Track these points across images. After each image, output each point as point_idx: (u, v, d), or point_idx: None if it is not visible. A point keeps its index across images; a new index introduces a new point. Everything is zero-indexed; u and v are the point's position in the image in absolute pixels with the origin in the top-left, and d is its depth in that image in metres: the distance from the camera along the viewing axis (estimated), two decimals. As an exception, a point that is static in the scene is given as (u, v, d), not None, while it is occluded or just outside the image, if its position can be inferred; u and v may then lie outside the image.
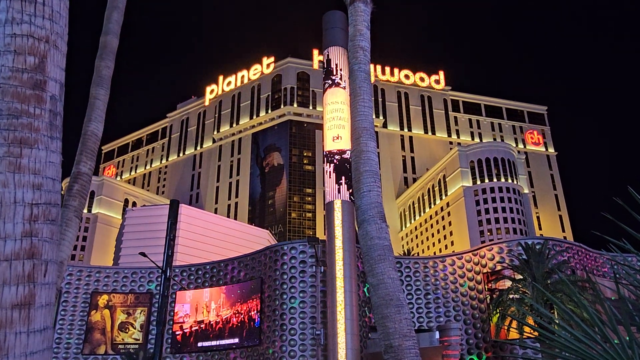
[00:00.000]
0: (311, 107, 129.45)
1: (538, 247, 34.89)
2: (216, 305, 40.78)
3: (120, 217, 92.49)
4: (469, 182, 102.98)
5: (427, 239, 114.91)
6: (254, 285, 39.03)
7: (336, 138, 37.73)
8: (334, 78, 39.15)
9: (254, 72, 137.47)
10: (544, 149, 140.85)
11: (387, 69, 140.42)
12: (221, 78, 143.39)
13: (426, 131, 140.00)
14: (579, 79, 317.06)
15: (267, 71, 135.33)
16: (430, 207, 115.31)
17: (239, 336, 39.03)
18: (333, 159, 37.24)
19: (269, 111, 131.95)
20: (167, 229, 23.57)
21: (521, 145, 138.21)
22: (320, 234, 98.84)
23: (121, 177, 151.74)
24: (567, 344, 4.97)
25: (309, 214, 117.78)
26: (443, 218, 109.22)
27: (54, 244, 5.00)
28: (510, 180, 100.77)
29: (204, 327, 41.00)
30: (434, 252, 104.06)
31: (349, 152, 34.32)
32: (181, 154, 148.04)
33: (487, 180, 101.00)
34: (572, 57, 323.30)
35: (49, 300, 4.85)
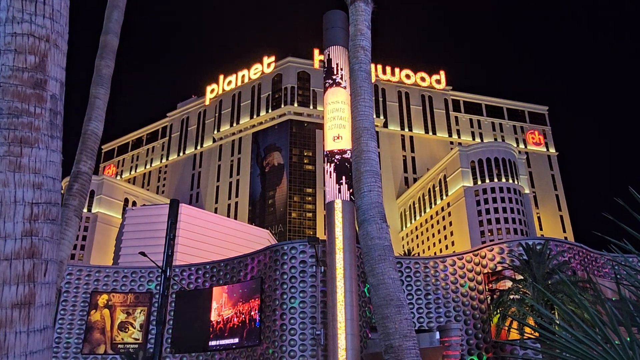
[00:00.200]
0: (312, 107, 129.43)
1: (539, 247, 34.87)
2: (217, 305, 40.77)
3: (120, 217, 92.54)
4: (469, 182, 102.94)
5: (428, 239, 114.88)
6: (255, 285, 39.03)
7: (337, 138, 37.71)
8: (334, 77, 39.14)
9: (254, 72, 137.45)
10: (544, 149, 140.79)
11: (388, 68, 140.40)
12: (221, 77, 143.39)
13: (427, 131, 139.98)
14: (579, 79, 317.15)
15: (267, 70, 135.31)
16: (430, 207, 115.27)
17: (239, 336, 39.01)
18: (333, 158, 37.23)
19: (270, 111, 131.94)
20: (167, 228, 23.56)
21: (522, 146, 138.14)
22: (321, 233, 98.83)
23: (121, 177, 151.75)
24: (567, 345, 4.97)
25: (309, 214, 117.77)
26: (444, 218, 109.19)
27: (54, 243, 4.99)
28: (511, 181, 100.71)
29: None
30: (435, 253, 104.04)
31: (350, 152, 34.32)
32: (181, 153, 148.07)
33: (488, 181, 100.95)
34: (572, 57, 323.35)
35: (49, 299, 4.85)
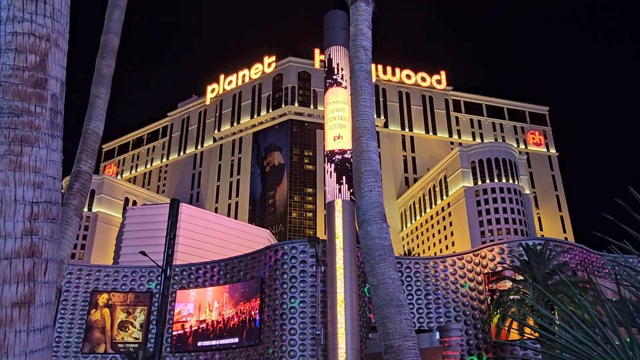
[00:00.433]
0: (312, 107, 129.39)
1: (539, 247, 34.86)
2: (219, 305, 40.79)
3: (121, 216, 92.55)
4: (470, 183, 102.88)
5: (428, 239, 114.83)
6: (256, 284, 39.04)
7: (337, 138, 37.72)
8: (335, 77, 39.15)
9: (255, 72, 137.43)
10: (545, 149, 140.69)
11: (389, 68, 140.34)
12: (222, 77, 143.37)
13: (427, 131, 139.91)
14: (579, 79, 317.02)
15: (268, 70, 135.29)
16: (431, 208, 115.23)
17: (239, 336, 39.03)
18: (334, 158, 37.23)
19: (270, 110, 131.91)
20: (168, 228, 23.57)
21: (522, 146, 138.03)
22: (321, 233, 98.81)
23: (121, 176, 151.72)
24: (567, 345, 4.96)
25: (310, 214, 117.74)
26: (444, 218, 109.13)
27: (55, 242, 5.00)
28: (511, 181, 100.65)
29: (204, 327, 40.98)
30: (435, 253, 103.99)
31: (350, 152, 34.33)
32: (182, 153, 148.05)
33: (488, 181, 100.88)
34: (572, 57, 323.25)
35: (49, 298, 4.85)
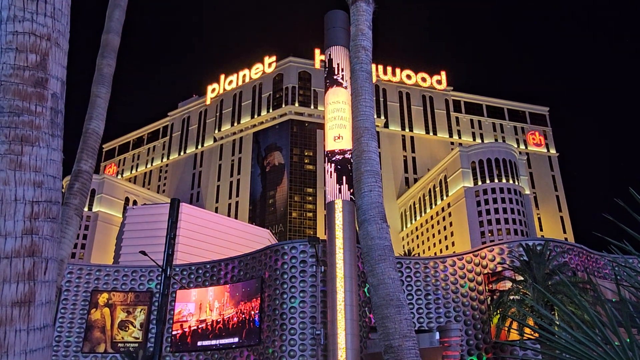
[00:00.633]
0: (312, 107, 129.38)
1: (539, 248, 34.86)
2: (219, 305, 40.79)
3: (121, 216, 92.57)
4: (470, 183, 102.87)
5: (428, 239, 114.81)
6: (257, 284, 39.06)
7: (337, 138, 37.73)
8: (335, 77, 39.15)
9: (255, 71, 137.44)
10: (545, 150, 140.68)
11: (389, 68, 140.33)
12: (222, 77, 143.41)
13: (427, 131, 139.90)
14: (579, 79, 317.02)
15: (268, 70, 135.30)
16: (431, 208, 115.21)
17: (239, 335, 39.05)
18: (334, 158, 37.23)
19: (270, 110, 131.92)
20: (168, 227, 23.58)
21: (522, 146, 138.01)
22: (321, 233, 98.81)
23: (122, 176, 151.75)
24: (567, 346, 4.96)
25: (310, 214, 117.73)
26: (444, 218, 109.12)
27: (55, 241, 5.00)
28: (511, 181, 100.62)
29: (204, 327, 40.99)
30: (435, 253, 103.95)
31: (350, 152, 34.32)
32: (182, 152, 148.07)
33: (489, 181, 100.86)
34: (572, 57, 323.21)
35: (49, 298, 4.85)
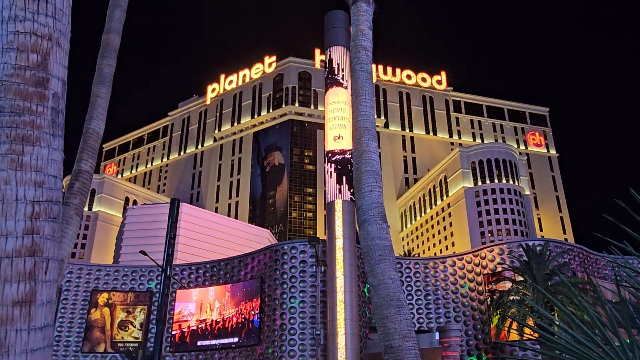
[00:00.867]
0: (312, 107, 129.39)
1: (539, 248, 34.86)
2: (220, 305, 40.79)
3: (121, 216, 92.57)
4: (470, 183, 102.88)
5: (428, 239, 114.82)
6: (257, 284, 39.07)
7: (337, 138, 37.73)
8: (335, 77, 39.16)
9: (255, 71, 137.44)
10: (545, 150, 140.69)
11: (389, 69, 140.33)
12: (223, 77, 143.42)
13: (427, 132, 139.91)
14: (579, 79, 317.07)
15: (268, 70, 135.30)
16: (431, 208, 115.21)
17: (239, 335, 39.05)
18: (334, 158, 37.23)
19: (271, 110, 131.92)
20: (168, 227, 23.60)
21: (522, 147, 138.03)
22: (321, 233, 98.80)
23: (122, 176, 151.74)
24: (567, 346, 4.96)
25: (310, 214, 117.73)
26: (444, 219, 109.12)
27: (56, 241, 5.00)
28: (511, 182, 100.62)
29: (203, 327, 40.98)
30: (435, 253, 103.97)
31: (350, 152, 34.31)
32: (182, 152, 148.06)
33: (488, 182, 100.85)
34: (572, 57, 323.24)
35: (50, 297, 4.85)
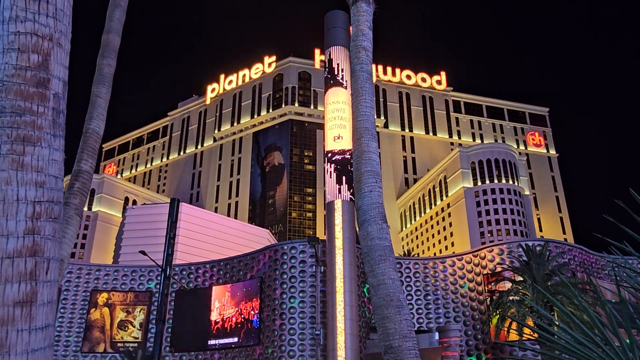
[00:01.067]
0: (312, 107, 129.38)
1: (538, 248, 34.86)
2: (220, 305, 40.76)
3: (121, 215, 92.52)
4: (469, 183, 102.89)
5: (428, 239, 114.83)
6: (257, 284, 39.05)
7: (337, 138, 37.73)
8: (335, 77, 39.16)
9: (255, 71, 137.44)
10: (545, 150, 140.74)
11: (389, 69, 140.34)
12: (222, 77, 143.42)
13: (427, 132, 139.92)
14: (579, 79, 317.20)
15: (268, 70, 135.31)
16: (430, 208, 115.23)
17: (238, 335, 39.03)
18: (334, 158, 37.23)
19: (270, 110, 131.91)
20: (167, 227, 23.58)
21: (522, 147, 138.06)
22: (321, 234, 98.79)
23: (122, 175, 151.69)
24: (567, 346, 4.97)
25: (310, 214, 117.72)
26: (443, 219, 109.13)
27: (56, 241, 5.01)
28: (511, 182, 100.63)
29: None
30: (434, 253, 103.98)
31: (350, 152, 34.32)
32: (182, 152, 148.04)
33: (488, 182, 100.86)
34: (572, 57, 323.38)
35: (50, 297, 4.86)
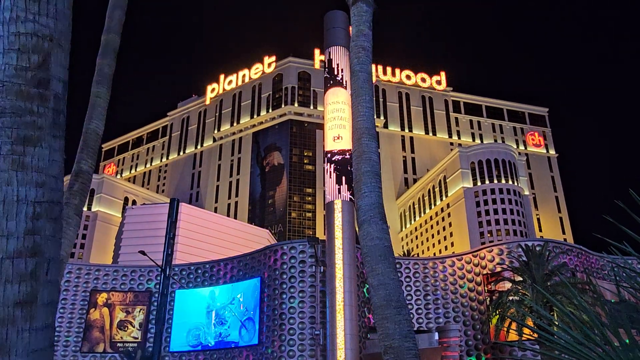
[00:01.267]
0: (312, 107, 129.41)
1: (538, 248, 34.89)
2: (220, 305, 40.79)
3: (120, 215, 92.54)
4: (469, 183, 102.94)
5: (427, 239, 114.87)
6: (256, 284, 39.07)
7: (337, 138, 37.76)
8: (335, 78, 39.19)
9: (255, 71, 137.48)
10: (544, 150, 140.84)
11: (389, 69, 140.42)
12: (222, 77, 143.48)
13: (427, 132, 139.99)
14: (579, 79, 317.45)
15: (268, 70, 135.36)
16: (430, 208, 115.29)
17: (237, 336, 39.04)
18: (333, 159, 37.26)
19: (270, 110, 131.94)
20: (167, 227, 23.62)
21: (522, 147, 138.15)
22: (320, 234, 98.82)
23: (121, 176, 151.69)
24: (566, 346, 4.97)
25: (309, 214, 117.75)
26: (443, 219, 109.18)
27: (57, 242, 5.01)
28: (510, 182, 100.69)
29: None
30: (434, 253, 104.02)
31: (350, 152, 34.33)
32: (181, 152, 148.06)
33: (488, 182, 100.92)
34: (572, 57, 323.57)
35: (51, 298, 4.86)
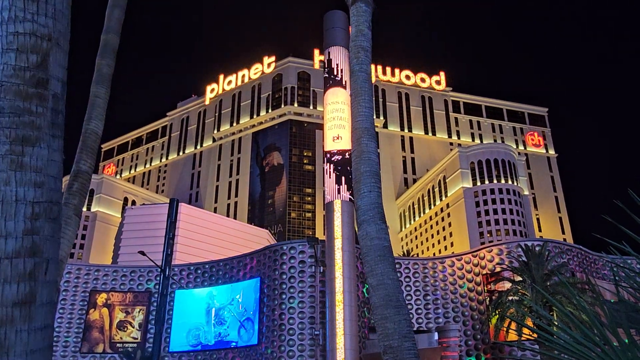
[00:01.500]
0: (312, 107, 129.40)
1: (538, 249, 34.91)
2: (219, 304, 40.78)
3: (120, 216, 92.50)
4: (469, 184, 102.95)
5: (427, 239, 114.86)
6: (255, 284, 39.07)
7: (336, 138, 37.76)
8: (334, 78, 39.19)
9: (254, 72, 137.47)
10: (544, 150, 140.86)
11: (388, 69, 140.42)
12: (222, 77, 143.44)
13: (426, 132, 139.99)
14: (579, 79, 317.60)
15: (267, 70, 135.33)
16: (430, 208, 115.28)
17: (237, 336, 39.03)
18: (333, 159, 37.26)
19: (270, 110, 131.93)
20: (167, 227, 23.61)
21: (521, 147, 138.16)
22: (320, 234, 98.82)
23: (121, 176, 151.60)
24: (566, 346, 4.97)
25: (309, 214, 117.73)
26: (443, 219, 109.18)
27: (56, 242, 5.01)
28: (510, 182, 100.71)
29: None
30: (434, 253, 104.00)
31: (349, 153, 34.34)
32: (181, 152, 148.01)
33: (487, 182, 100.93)
34: (572, 57, 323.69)
35: (50, 298, 4.86)
